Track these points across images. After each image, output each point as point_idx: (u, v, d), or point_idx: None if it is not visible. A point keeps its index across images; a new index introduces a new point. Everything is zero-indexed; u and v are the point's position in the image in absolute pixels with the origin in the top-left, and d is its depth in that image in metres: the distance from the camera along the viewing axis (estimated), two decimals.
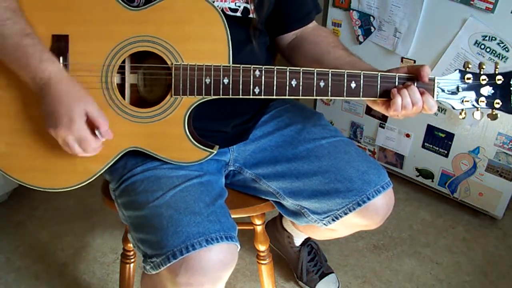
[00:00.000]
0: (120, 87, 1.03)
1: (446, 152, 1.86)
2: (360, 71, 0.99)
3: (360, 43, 1.88)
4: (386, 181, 1.11)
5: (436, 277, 1.66)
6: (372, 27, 1.82)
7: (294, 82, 1.00)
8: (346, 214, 1.10)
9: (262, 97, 1.01)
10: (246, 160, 1.19)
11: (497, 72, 1.00)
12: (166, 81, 1.03)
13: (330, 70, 1.00)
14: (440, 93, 1.00)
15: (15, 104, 1.01)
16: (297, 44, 1.19)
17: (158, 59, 1.01)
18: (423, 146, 1.91)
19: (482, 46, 1.60)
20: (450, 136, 1.82)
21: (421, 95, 0.97)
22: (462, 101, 1.00)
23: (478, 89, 1.00)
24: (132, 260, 1.36)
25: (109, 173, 1.12)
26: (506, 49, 1.57)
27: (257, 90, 1.00)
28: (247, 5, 1.07)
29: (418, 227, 1.87)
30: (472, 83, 1.00)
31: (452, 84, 1.00)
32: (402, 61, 1.80)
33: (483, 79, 0.99)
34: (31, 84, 0.95)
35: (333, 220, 1.13)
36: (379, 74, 1.00)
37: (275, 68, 0.99)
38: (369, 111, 1.99)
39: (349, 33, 1.90)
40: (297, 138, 1.16)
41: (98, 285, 1.61)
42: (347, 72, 1.00)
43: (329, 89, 1.00)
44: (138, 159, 1.07)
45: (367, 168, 1.11)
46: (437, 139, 1.86)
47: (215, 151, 1.05)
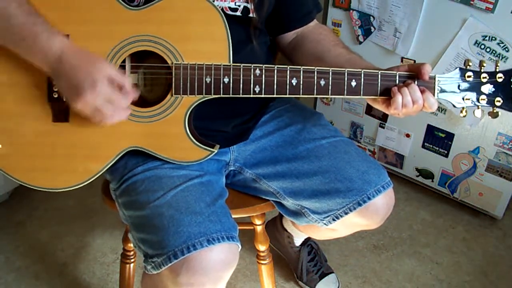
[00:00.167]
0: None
1: (446, 152, 1.86)
2: (361, 70, 0.99)
3: (360, 43, 1.88)
4: (386, 181, 1.11)
5: (436, 277, 1.66)
6: (372, 27, 1.82)
7: (294, 81, 1.00)
8: (346, 214, 1.10)
9: (263, 96, 1.01)
10: (246, 160, 1.19)
11: (497, 70, 1.00)
12: (166, 81, 1.02)
13: (331, 69, 1.00)
14: (441, 91, 1.00)
15: (15, 104, 1.01)
16: (298, 43, 1.19)
17: (158, 59, 1.00)
18: (423, 146, 1.91)
19: (482, 46, 1.60)
20: (450, 136, 1.82)
21: (422, 93, 0.97)
22: (463, 99, 1.00)
23: (479, 87, 1.00)
24: (132, 260, 1.36)
25: (110, 173, 1.12)
26: (506, 49, 1.57)
27: (257, 89, 1.00)
28: (247, 5, 1.06)
29: (418, 227, 1.87)
30: (472, 81, 1.00)
31: (453, 82, 1.00)
32: (402, 61, 1.79)
33: (483, 77, 0.99)
34: (43, 62, 0.93)
35: (334, 220, 1.13)
36: (379, 73, 1.00)
37: (275, 67, 0.99)
38: (369, 111, 1.99)
39: (349, 33, 1.90)
40: (297, 138, 1.16)
41: (98, 285, 1.61)
42: (348, 70, 1.00)
43: (330, 87, 1.00)
44: (138, 158, 1.07)
45: (367, 168, 1.11)
46: (437, 139, 1.86)
47: (216, 151, 1.04)
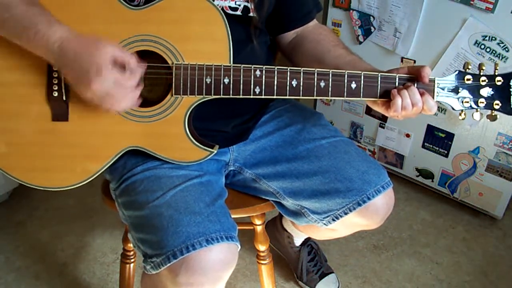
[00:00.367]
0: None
1: (446, 152, 1.86)
2: (361, 72, 0.99)
3: (360, 43, 1.88)
4: (386, 181, 1.11)
5: (436, 277, 1.66)
6: (372, 27, 1.82)
7: (294, 82, 1.00)
8: (346, 214, 1.10)
9: (263, 97, 1.01)
10: (246, 160, 1.19)
11: (496, 73, 1.00)
12: (166, 81, 1.02)
13: (331, 71, 1.00)
14: (440, 94, 1.00)
15: (15, 103, 1.01)
16: (298, 43, 1.19)
17: (158, 59, 1.00)
18: (423, 146, 1.91)
19: (482, 46, 1.60)
20: (450, 136, 1.82)
21: (421, 95, 0.97)
22: (462, 102, 1.00)
23: (478, 90, 1.00)
24: (132, 260, 1.36)
25: (109, 172, 1.12)
26: (506, 49, 1.57)
27: (257, 90, 1.00)
28: (247, 4, 1.06)
29: (418, 227, 1.87)
30: (471, 84, 1.00)
31: (452, 85, 1.00)
32: (402, 61, 1.79)
33: (482, 80, 0.99)
34: (46, 52, 0.92)
35: (333, 220, 1.13)
36: (379, 75, 1.00)
37: (275, 68, 0.99)
38: (369, 111, 1.99)
39: (349, 33, 1.90)
40: (297, 138, 1.16)
41: (98, 285, 1.61)
42: (348, 72, 1.00)
43: (330, 89, 1.00)
44: (138, 158, 1.07)
45: (367, 168, 1.11)
46: (437, 139, 1.86)
47: (215, 151, 1.04)
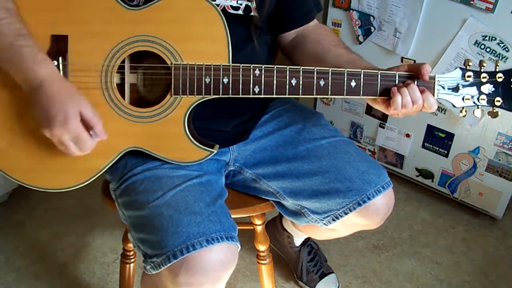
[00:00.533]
0: (120, 87, 1.02)
1: (446, 152, 1.86)
2: (360, 70, 0.99)
3: (360, 43, 1.88)
4: (386, 181, 1.11)
5: (436, 277, 1.66)
6: (372, 27, 1.82)
7: (294, 81, 1.00)
8: (346, 214, 1.10)
9: (262, 96, 1.01)
10: (246, 160, 1.19)
11: (497, 70, 1.00)
12: (165, 81, 1.02)
13: (330, 69, 1.00)
14: (441, 91, 1.00)
15: (14, 105, 1.01)
16: (298, 43, 1.19)
17: (157, 59, 1.00)
18: (423, 146, 1.91)
19: (482, 46, 1.60)
20: (450, 136, 1.82)
21: (421, 93, 0.97)
22: (463, 99, 1.00)
23: (479, 87, 1.00)
24: (132, 260, 1.35)
25: (110, 173, 1.12)
26: (506, 49, 1.57)
27: (257, 89, 1.00)
28: (248, 3, 1.07)
29: (418, 227, 1.87)
30: (472, 81, 0.99)
31: (453, 82, 1.00)
32: (402, 61, 1.79)
33: (483, 77, 0.99)
34: (24, 85, 0.94)
35: (333, 220, 1.12)
36: (379, 73, 0.99)
37: (275, 67, 0.99)
38: (369, 111, 1.99)
39: (349, 33, 1.90)
40: (297, 138, 1.16)
41: (98, 285, 1.61)
42: (347, 71, 1.00)
43: (329, 88, 1.00)
44: (138, 159, 1.07)
45: (367, 168, 1.11)
46: (437, 139, 1.86)
47: (215, 151, 1.04)
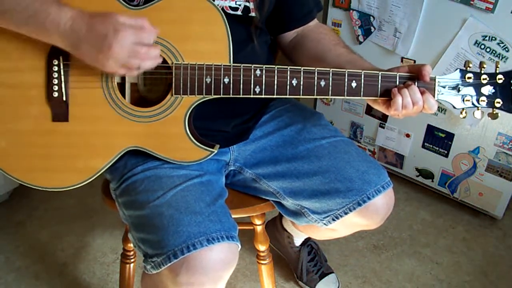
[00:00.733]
0: (120, 87, 1.02)
1: (446, 152, 1.86)
2: (361, 71, 0.99)
3: (360, 43, 1.88)
4: (386, 181, 1.11)
5: (436, 277, 1.66)
6: (372, 27, 1.82)
7: (294, 82, 1.00)
8: (346, 214, 1.10)
9: (263, 96, 1.01)
10: (246, 160, 1.19)
11: (498, 71, 1.00)
12: (166, 81, 1.02)
13: (331, 70, 1.00)
14: (441, 93, 1.00)
15: (15, 104, 1.01)
16: (299, 42, 1.19)
17: None
18: (423, 146, 1.91)
19: (482, 46, 1.60)
20: (450, 136, 1.82)
21: (422, 94, 0.97)
22: (463, 100, 1.00)
23: (479, 88, 1.00)
24: (132, 260, 1.36)
25: (110, 172, 1.12)
26: (506, 49, 1.57)
27: (257, 89, 1.00)
28: (247, 4, 1.06)
29: (418, 227, 1.87)
30: (473, 82, 1.00)
31: (453, 83, 1.00)
32: (402, 61, 1.79)
33: (484, 78, 0.99)
34: (57, 33, 0.91)
35: (333, 220, 1.12)
36: (379, 74, 0.99)
37: (275, 68, 0.99)
38: (369, 111, 1.99)
39: (349, 33, 1.90)
40: (297, 138, 1.16)
41: (98, 285, 1.61)
42: (348, 71, 1.00)
43: (330, 88, 1.00)
44: (138, 158, 1.07)
45: (367, 168, 1.11)
46: (437, 139, 1.86)
47: (216, 151, 1.04)
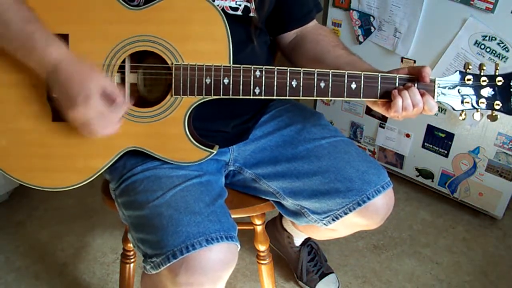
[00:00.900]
0: (120, 87, 1.02)
1: (446, 152, 1.86)
2: (361, 72, 0.99)
3: (360, 43, 1.88)
4: (386, 181, 1.11)
5: (436, 277, 1.66)
6: (372, 27, 1.82)
7: (294, 83, 1.00)
8: (346, 214, 1.10)
9: (263, 97, 1.01)
10: (246, 160, 1.19)
11: (497, 73, 1.00)
12: (166, 81, 1.02)
13: (331, 71, 1.00)
14: (441, 94, 1.00)
15: (15, 104, 1.01)
16: (298, 43, 1.19)
17: (158, 59, 1.00)
18: (423, 146, 1.91)
19: (482, 46, 1.60)
20: (450, 136, 1.82)
21: (422, 96, 0.97)
22: (462, 102, 1.00)
23: (478, 90, 1.00)
24: (132, 260, 1.36)
25: (109, 172, 1.12)
26: (506, 49, 1.57)
27: (257, 90, 1.00)
28: (247, 4, 1.06)
29: (418, 227, 1.87)
30: (472, 84, 1.00)
31: (453, 85, 1.00)
32: (402, 61, 1.79)
33: (483, 80, 0.99)
34: (39, 69, 0.93)
35: (333, 220, 1.12)
36: (379, 75, 0.99)
37: (275, 69, 0.99)
38: (369, 111, 1.99)
39: (349, 33, 1.90)
40: (297, 138, 1.16)
41: (98, 285, 1.61)
42: (348, 73, 1.00)
43: (330, 89, 1.00)
44: (138, 158, 1.07)
45: (367, 168, 1.11)
46: (437, 139, 1.86)
47: (215, 151, 1.04)
